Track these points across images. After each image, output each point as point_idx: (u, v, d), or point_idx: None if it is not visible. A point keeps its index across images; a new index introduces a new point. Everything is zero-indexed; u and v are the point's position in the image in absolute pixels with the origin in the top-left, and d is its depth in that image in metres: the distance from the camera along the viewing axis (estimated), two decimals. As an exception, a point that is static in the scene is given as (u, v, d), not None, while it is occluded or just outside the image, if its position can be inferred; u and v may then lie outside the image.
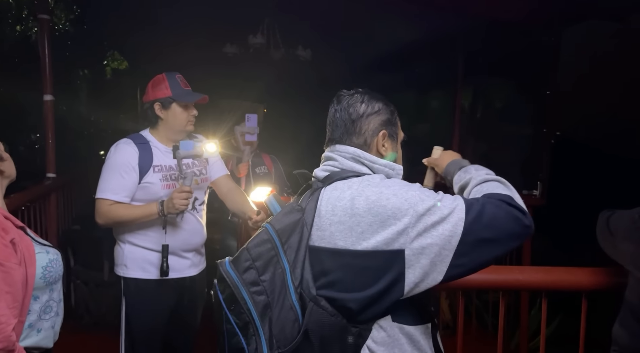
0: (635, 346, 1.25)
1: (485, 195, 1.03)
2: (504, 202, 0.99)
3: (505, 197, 1.01)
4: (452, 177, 1.21)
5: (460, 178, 1.17)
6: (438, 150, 1.35)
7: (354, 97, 1.14)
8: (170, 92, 1.95)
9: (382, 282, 0.97)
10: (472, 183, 1.11)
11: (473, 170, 1.16)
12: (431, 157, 1.35)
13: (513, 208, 0.98)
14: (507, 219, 0.97)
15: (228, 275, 1.00)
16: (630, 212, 1.29)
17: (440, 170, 1.29)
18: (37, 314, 1.20)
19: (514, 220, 0.97)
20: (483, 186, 1.08)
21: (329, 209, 1.02)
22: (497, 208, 0.98)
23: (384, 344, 1.01)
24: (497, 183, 1.08)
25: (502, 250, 0.98)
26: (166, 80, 1.97)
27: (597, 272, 1.47)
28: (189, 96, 1.97)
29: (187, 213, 1.98)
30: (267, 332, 0.98)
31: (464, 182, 1.14)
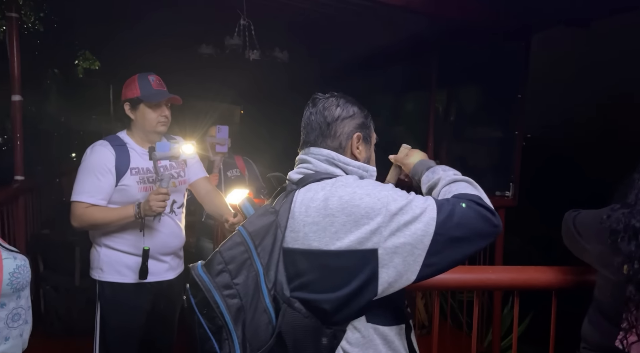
0: (604, 343, 1.30)
1: (455, 195, 1.05)
2: (474, 202, 1.02)
3: (474, 197, 1.03)
4: (419, 177, 1.23)
5: (428, 178, 1.19)
6: (405, 149, 1.36)
7: (329, 101, 1.15)
8: (139, 92, 1.93)
9: (356, 282, 0.97)
10: (441, 184, 1.13)
11: (441, 170, 1.18)
12: (398, 155, 1.35)
13: (482, 208, 1.01)
14: (476, 219, 0.99)
15: (200, 279, 1.00)
16: (597, 213, 1.34)
17: (407, 169, 1.30)
18: (4, 322, 1.17)
19: (483, 219, 1.00)
20: (452, 186, 1.10)
21: (303, 210, 1.03)
22: (467, 208, 1.00)
23: (358, 345, 1.01)
24: (466, 183, 1.11)
25: (473, 249, 1.01)
26: (137, 80, 1.95)
27: (566, 270, 1.52)
28: (156, 96, 1.94)
29: (165, 216, 1.96)
30: (240, 335, 0.97)
31: (432, 183, 1.16)
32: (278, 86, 6.02)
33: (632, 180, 1.26)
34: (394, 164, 1.38)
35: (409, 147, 1.37)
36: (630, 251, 1.16)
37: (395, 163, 1.38)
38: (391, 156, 1.37)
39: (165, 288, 2.04)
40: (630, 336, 1.21)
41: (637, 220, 1.17)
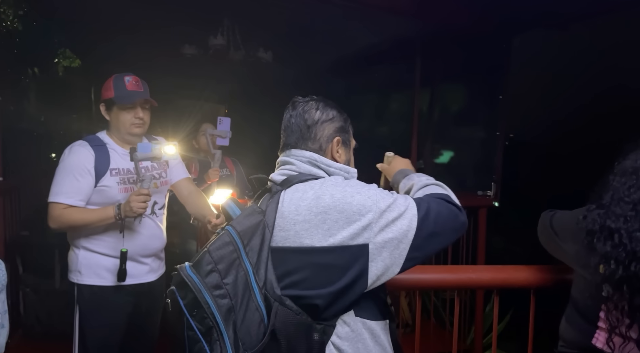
0: (581, 341, 1.32)
1: (428, 195, 1.14)
2: (444, 200, 1.11)
3: (444, 196, 1.13)
4: (398, 186, 1.31)
5: (404, 185, 1.27)
6: (389, 156, 1.42)
7: (309, 104, 1.19)
8: (113, 93, 1.90)
9: (348, 276, 1.01)
10: (415, 188, 1.22)
11: (415, 177, 1.27)
12: (383, 163, 1.42)
13: (452, 206, 1.11)
14: (448, 215, 1.09)
15: (190, 280, 0.99)
16: (574, 213, 1.36)
17: (389, 178, 1.37)
18: None
19: (454, 216, 1.09)
20: (424, 190, 1.19)
21: (293, 210, 1.05)
22: (440, 206, 1.09)
23: (348, 339, 1.05)
24: (436, 186, 1.20)
25: (446, 243, 1.10)
26: (112, 81, 1.93)
27: (544, 269, 1.55)
28: (128, 97, 1.91)
29: (145, 217, 1.94)
30: (231, 335, 0.97)
31: (408, 188, 1.25)
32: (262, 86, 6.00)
33: (607, 182, 1.29)
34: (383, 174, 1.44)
35: (392, 154, 1.43)
36: (606, 251, 1.19)
37: (382, 171, 1.44)
38: (378, 164, 1.44)
39: (145, 291, 2.02)
40: (614, 337, 1.23)
41: (612, 221, 1.20)
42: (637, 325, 1.18)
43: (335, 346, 1.04)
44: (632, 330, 1.19)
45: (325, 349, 1.03)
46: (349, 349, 1.04)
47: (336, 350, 1.04)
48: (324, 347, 1.03)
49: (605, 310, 1.25)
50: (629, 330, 1.19)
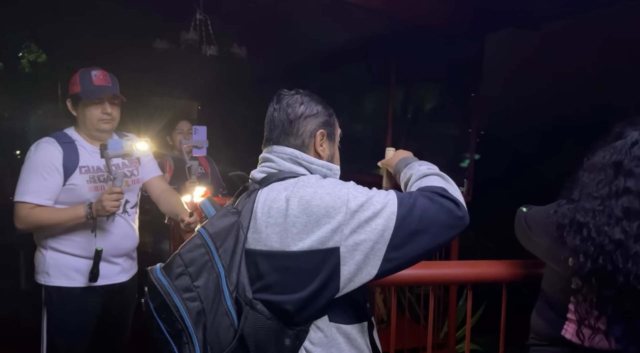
0: (550, 333, 1.36)
1: (420, 188, 1.06)
2: (437, 194, 1.01)
3: (438, 189, 1.03)
4: (399, 175, 1.24)
5: (405, 175, 1.20)
6: (390, 151, 1.37)
7: (294, 98, 1.14)
8: (79, 88, 1.84)
9: (318, 281, 0.97)
10: (413, 179, 1.14)
11: (417, 165, 1.19)
12: (385, 159, 1.37)
13: (445, 200, 1.01)
14: (439, 211, 0.99)
15: (159, 282, 0.97)
16: (546, 208, 1.39)
17: (392, 170, 1.31)
18: None
19: (446, 211, 0.99)
20: (422, 181, 1.10)
21: (265, 211, 1.01)
22: (429, 201, 1.00)
23: (321, 345, 1.01)
24: (436, 176, 1.11)
25: (435, 242, 0.99)
26: (78, 76, 1.86)
27: (516, 264, 1.58)
28: (94, 92, 1.84)
29: (117, 216, 1.89)
30: (201, 338, 0.95)
31: (407, 178, 1.17)
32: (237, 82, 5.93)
33: (577, 177, 1.32)
34: (385, 170, 1.38)
35: (393, 149, 1.38)
36: (576, 245, 1.22)
37: (384, 167, 1.38)
38: (379, 162, 1.37)
39: (117, 291, 1.97)
40: (584, 328, 1.26)
41: (582, 215, 1.23)
42: (605, 316, 1.21)
43: (308, 352, 1.01)
44: (600, 321, 1.23)
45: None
46: None
47: None
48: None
49: (575, 303, 1.28)
50: (597, 322, 1.23)
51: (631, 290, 1.14)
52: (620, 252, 1.15)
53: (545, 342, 1.39)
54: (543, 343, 1.39)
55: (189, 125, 3.06)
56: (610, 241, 1.17)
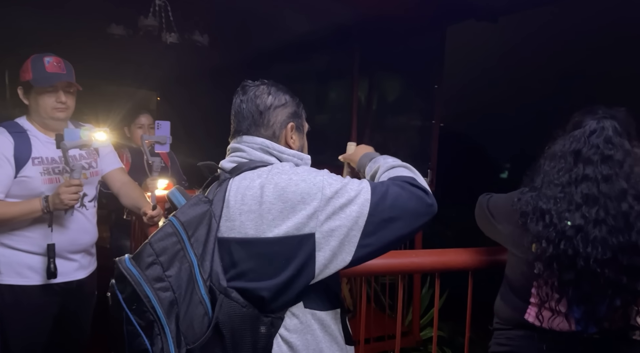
0: (514, 317, 1.40)
1: (390, 178, 1.09)
2: (407, 183, 1.05)
3: (408, 178, 1.07)
4: (364, 169, 1.27)
5: (370, 168, 1.23)
6: (352, 145, 1.40)
7: (260, 89, 1.14)
8: (30, 75, 1.74)
9: (293, 267, 0.98)
10: (380, 171, 1.17)
11: (382, 159, 1.22)
12: (346, 153, 1.40)
13: (416, 189, 1.04)
14: (410, 199, 1.02)
15: (129, 272, 0.94)
16: (508, 196, 1.43)
17: (354, 165, 1.34)
18: None
19: (416, 199, 1.02)
20: (390, 172, 1.13)
21: (239, 199, 1.01)
22: (401, 189, 1.03)
23: (296, 331, 1.02)
24: (403, 168, 1.15)
25: (407, 229, 1.02)
26: (30, 62, 1.76)
27: (481, 251, 1.62)
28: (47, 80, 1.75)
29: (75, 210, 1.80)
30: (173, 329, 0.93)
31: (374, 171, 1.20)
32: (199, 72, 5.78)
33: (538, 165, 1.36)
34: (345, 163, 1.41)
35: (354, 143, 1.41)
36: (538, 231, 1.26)
37: (345, 161, 1.41)
38: (340, 156, 1.40)
39: (75, 289, 1.89)
40: (544, 311, 1.31)
41: (544, 203, 1.27)
42: (565, 299, 1.26)
43: (283, 339, 1.02)
44: (560, 304, 1.28)
45: (273, 342, 1.00)
46: (297, 341, 1.02)
47: (284, 343, 1.02)
48: (271, 340, 1.00)
49: (537, 287, 1.33)
50: (558, 304, 1.28)
51: (590, 273, 1.19)
52: (580, 236, 1.20)
53: (509, 326, 1.43)
54: (507, 328, 1.44)
55: (151, 120, 2.93)
56: (570, 226, 1.22)
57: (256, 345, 0.98)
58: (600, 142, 1.25)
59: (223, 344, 0.96)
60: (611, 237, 1.18)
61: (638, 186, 1.21)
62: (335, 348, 1.08)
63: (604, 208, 1.20)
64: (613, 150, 1.23)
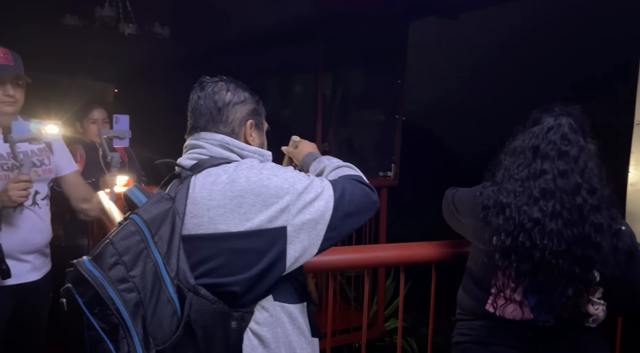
0: (476, 308, 1.44)
1: (341, 176, 1.16)
2: (357, 181, 1.14)
3: (357, 177, 1.17)
4: (307, 168, 1.30)
5: (315, 167, 1.28)
6: (295, 140, 1.41)
7: (219, 85, 1.13)
8: None
9: (266, 260, 0.99)
10: (327, 170, 1.23)
11: (326, 160, 1.28)
12: (289, 147, 1.41)
13: (365, 186, 1.13)
14: (362, 196, 1.11)
15: (90, 274, 0.89)
16: (472, 190, 1.47)
17: (297, 161, 1.37)
18: None
19: (366, 195, 1.12)
20: (337, 171, 1.20)
21: (205, 195, 1.00)
22: (354, 186, 1.11)
23: (266, 324, 1.03)
24: (348, 168, 1.22)
25: (360, 222, 1.12)
26: None
27: (444, 244, 1.66)
28: None
29: (26, 208, 1.72)
30: (140, 331, 0.90)
31: (319, 171, 1.25)
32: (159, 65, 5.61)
33: (499, 161, 1.40)
34: (286, 155, 1.43)
35: (298, 138, 1.42)
36: (499, 224, 1.30)
37: (286, 154, 1.42)
38: (283, 147, 1.42)
39: (28, 291, 1.80)
40: (499, 299, 1.36)
41: (504, 196, 1.31)
42: (521, 288, 1.31)
43: (254, 332, 1.02)
44: (517, 294, 1.33)
45: (243, 337, 1.00)
46: (268, 334, 1.03)
47: (254, 337, 1.02)
48: (242, 335, 1.00)
49: (497, 278, 1.37)
50: (513, 293, 1.33)
51: (546, 264, 1.24)
52: (537, 229, 1.25)
53: (471, 317, 1.47)
54: (469, 318, 1.48)
55: (104, 114, 2.81)
56: (529, 220, 1.26)
57: (228, 341, 0.98)
58: (557, 138, 1.29)
59: (195, 342, 0.94)
60: (566, 230, 1.22)
61: (591, 181, 1.26)
62: (303, 341, 1.09)
63: (559, 202, 1.24)
64: (569, 146, 1.28)
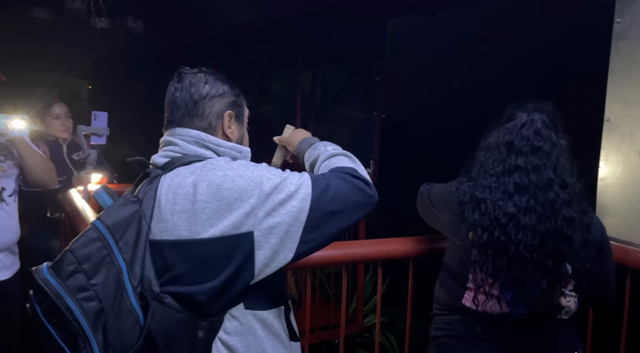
0: (452, 302, 1.46)
1: (331, 169, 1.06)
2: (349, 174, 1.02)
3: (349, 169, 1.04)
4: (303, 155, 1.23)
5: (310, 155, 1.19)
6: (289, 129, 1.36)
7: (197, 77, 1.07)
8: None
9: (231, 268, 0.92)
10: (321, 159, 1.13)
11: (321, 146, 1.19)
12: (282, 136, 1.35)
13: (357, 180, 1.02)
14: (351, 191, 1.00)
15: (47, 283, 0.86)
16: (447, 185, 1.48)
17: (292, 149, 1.30)
18: None
19: (357, 191, 1.00)
20: (330, 161, 1.11)
21: (170, 198, 0.94)
22: (342, 181, 1.00)
23: (236, 334, 0.98)
24: (344, 157, 1.12)
25: (349, 221, 1.00)
26: None
27: (421, 240, 1.67)
28: None
29: None
30: (100, 341, 0.86)
31: (313, 159, 1.17)
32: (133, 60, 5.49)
33: (475, 156, 1.42)
34: (279, 145, 1.36)
35: (292, 127, 1.36)
36: (475, 219, 1.31)
37: (279, 144, 1.36)
38: (275, 137, 1.34)
39: None
40: (479, 295, 1.37)
41: (480, 192, 1.32)
42: (498, 283, 1.33)
43: (223, 342, 0.97)
44: (494, 288, 1.34)
45: (212, 346, 0.96)
46: (238, 344, 0.98)
47: (224, 347, 0.97)
48: (210, 345, 0.95)
49: (473, 273, 1.39)
50: (491, 289, 1.34)
51: (520, 258, 1.26)
52: (512, 224, 1.27)
53: (447, 311, 1.49)
54: (446, 313, 1.49)
55: (66, 109, 2.73)
56: (504, 214, 1.28)
57: (194, 352, 0.93)
58: (530, 134, 1.31)
59: None
60: (539, 224, 1.25)
61: (563, 176, 1.29)
62: (280, 347, 1.04)
63: (533, 197, 1.26)
64: (542, 141, 1.30)
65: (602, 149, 1.75)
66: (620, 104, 1.70)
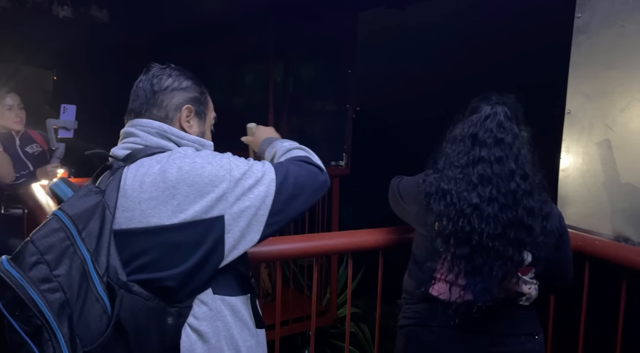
0: (419, 292, 1.49)
1: (288, 158, 1.15)
2: (303, 161, 1.12)
3: (304, 157, 1.14)
4: (264, 155, 1.29)
5: (269, 153, 1.25)
6: (252, 128, 1.38)
7: (163, 70, 1.11)
8: None
9: (201, 252, 0.95)
10: (279, 154, 1.21)
11: (278, 143, 1.26)
12: (248, 137, 1.39)
13: (311, 166, 1.11)
14: (308, 177, 1.09)
15: (8, 275, 0.84)
16: (415, 178, 1.51)
17: (256, 149, 1.34)
18: None
19: (313, 176, 1.10)
20: (287, 154, 1.19)
21: (137, 187, 0.96)
22: (299, 168, 1.09)
23: (206, 319, 1.00)
24: (298, 149, 1.21)
25: (307, 204, 1.09)
26: None
27: (390, 231, 1.70)
28: None
29: None
30: (66, 333, 0.85)
31: (272, 156, 1.24)
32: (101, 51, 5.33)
33: (441, 148, 1.44)
34: (249, 146, 1.40)
35: (254, 125, 1.39)
36: (440, 210, 1.34)
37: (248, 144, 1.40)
38: (242, 138, 1.39)
39: None
40: (445, 284, 1.41)
41: (445, 183, 1.35)
42: (462, 272, 1.36)
43: (192, 328, 0.99)
44: (459, 277, 1.38)
45: (182, 332, 0.97)
46: (207, 329, 1.00)
47: (193, 332, 0.99)
48: (179, 331, 0.97)
49: (439, 262, 1.42)
50: (457, 277, 1.38)
51: (483, 247, 1.30)
52: (476, 214, 1.30)
53: (415, 300, 1.52)
54: (414, 301, 1.53)
55: (18, 100, 2.63)
56: (468, 205, 1.31)
57: (163, 338, 0.94)
58: (493, 126, 1.35)
59: (126, 341, 0.90)
60: (501, 214, 1.28)
61: (524, 167, 1.33)
62: (246, 334, 1.07)
63: (496, 188, 1.30)
64: (504, 133, 1.34)
65: (564, 140, 1.81)
66: (580, 97, 1.76)
